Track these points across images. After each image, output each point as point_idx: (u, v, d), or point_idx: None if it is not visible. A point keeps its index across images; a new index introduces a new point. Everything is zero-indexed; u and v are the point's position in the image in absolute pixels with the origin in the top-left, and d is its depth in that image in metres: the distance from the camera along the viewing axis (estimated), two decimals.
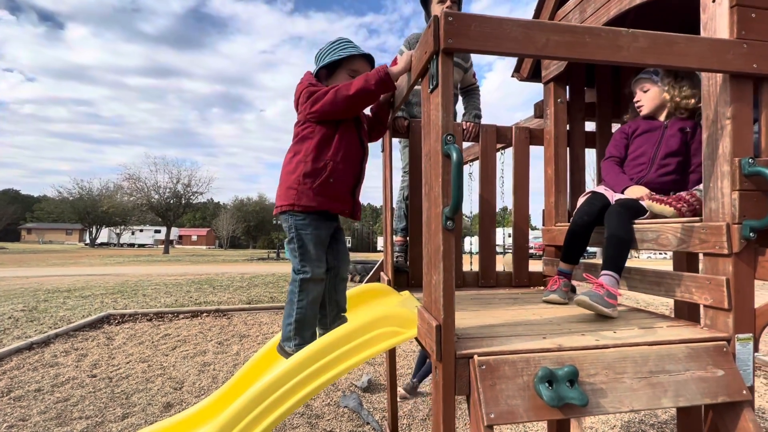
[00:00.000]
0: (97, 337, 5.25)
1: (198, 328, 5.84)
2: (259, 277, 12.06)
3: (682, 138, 1.71)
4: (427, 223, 1.14)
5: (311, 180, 1.47)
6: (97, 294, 8.20)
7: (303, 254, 1.48)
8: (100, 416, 3.16)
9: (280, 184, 1.52)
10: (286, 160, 1.53)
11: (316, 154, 1.48)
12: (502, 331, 1.22)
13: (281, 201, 1.49)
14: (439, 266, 1.02)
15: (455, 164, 0.92)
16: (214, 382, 3.89)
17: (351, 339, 1.20)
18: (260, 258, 24.76)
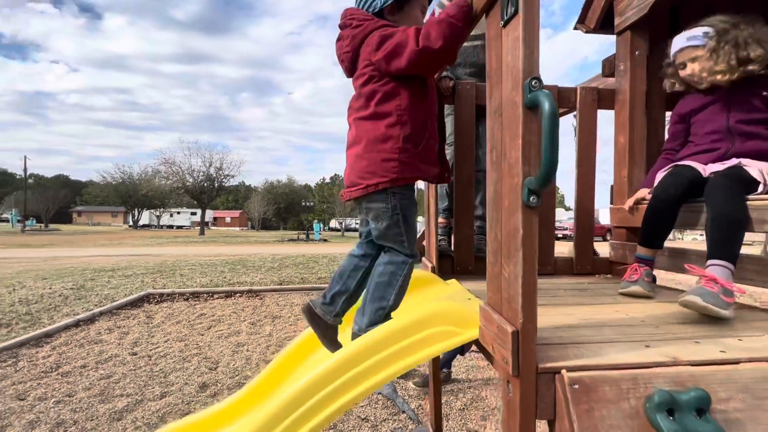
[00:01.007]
0: (138, 315, 5.42)
1: (232, 308, 5.92)
2: (289, 258, 12.22)
3: (758, 99, 1.39)
4: (496, 200, 0.89)
5: (413, 144, 1.19)
6: (138, 273, 8.54)
7: (410, 236, 1.26)
8: (140, 394, 3.20)
9: (366, 158, 1.21)
10: (367, 128, 1.22)
11: (412, 111, 1.20)
12: (586, 335, 0.97)
13: (376, 177, 1.19)
14: (517, 255, 0.78)
15: (548, 116, 0.66)
16: (247, 363, 3.88)
17: (402, 337, 0.99)
18: (290, 239, 25.25)
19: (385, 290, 1.23)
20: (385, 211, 1.23)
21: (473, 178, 1.78)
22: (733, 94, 1.44)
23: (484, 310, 0.95)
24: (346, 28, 1.27)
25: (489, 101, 0.92)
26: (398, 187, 1.21)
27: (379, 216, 1.25)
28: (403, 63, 1.13)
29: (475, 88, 1.75)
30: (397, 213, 1.23)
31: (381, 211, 1.24)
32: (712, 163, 1.44)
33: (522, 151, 0.75)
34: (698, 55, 1.45)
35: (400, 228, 1.24)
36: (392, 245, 1.26)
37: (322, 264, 10.87)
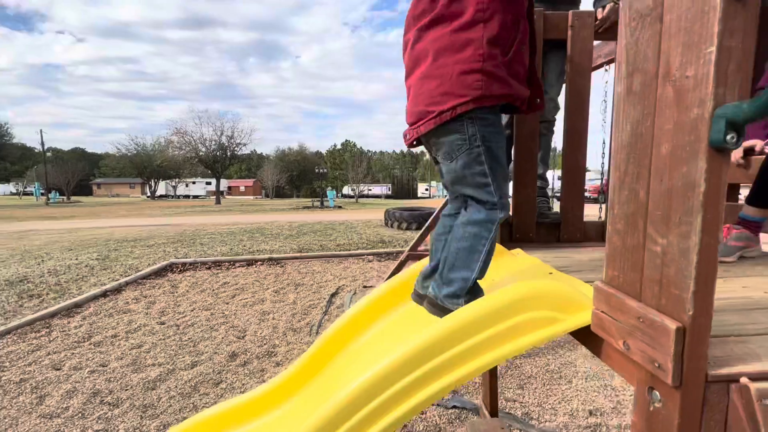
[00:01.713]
0: (163, 285, 5.43)
1: (254, 276, 5.90)
2: (306, 226, 12.19)
3: None
4: (637, 145, 0.64)
5: (501, 50, 0.87)
6: (160, 243, 8.61)
7: (498, 176, 0.95)
8: (171, 363, 3.19)
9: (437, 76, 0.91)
10: (435, 35, 0.91)
11: (497, 4, 0.87)
12: (734, 323, 0.75)
13: (453, 99, 0.88)
14: (690, 222, 0.54)
15: None
16: (274, 331, 3.84)
17: (494, 322, 0.79)
18: (305, 207, 25.28)
19: (468, 258, 0.96)
20: (461, 144, 0.92)
21: (537, 129, 1.51)
22: None
23: (604, 292, 0.73)
24: None
25: (628, 3, 0.65)
26: (483, 110, 0.90)
27: (452, 151, 0.94)
28: None
29: (543, 19, 1.43)
30: (477, 145, 0.91)
31: (455, 144, 0.93)
32: None
33: (716, 66, 0.49)
34: None
35: (483, 165, 0.93)
36: (472, 191, 0.96)
37: (339, 231, 10.80)
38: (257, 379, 2.94)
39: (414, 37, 0.96)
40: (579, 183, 1.56)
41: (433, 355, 0.79)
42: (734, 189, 1.53)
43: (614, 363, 0.75)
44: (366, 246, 8.13)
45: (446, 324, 0.81)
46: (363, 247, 7.93)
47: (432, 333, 0.80)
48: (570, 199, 1.55)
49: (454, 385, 0.80)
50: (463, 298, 0.97)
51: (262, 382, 2.87)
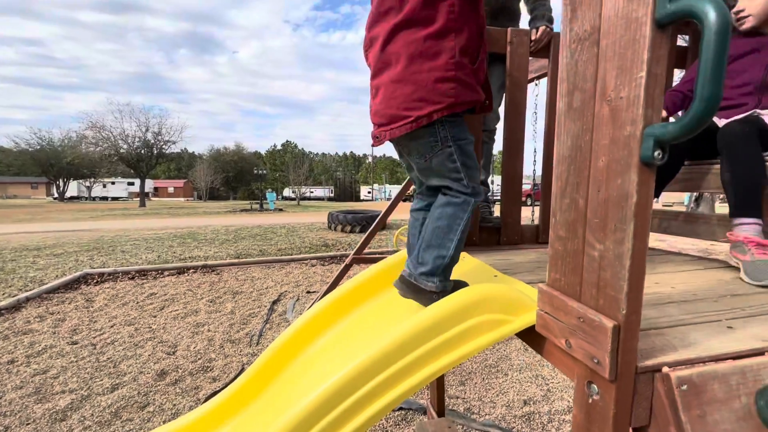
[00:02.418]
0: (75, 299, 4.80)
1: (186, 285, 5.45)
2: (245, 229, 11.59)
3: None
4: (577, 157, 0.69)
5: (470, 59, 0.94)
6: (71, 252, 7.61)
7: (468, 172, 1.02)
8: (86, 388, 2.82)
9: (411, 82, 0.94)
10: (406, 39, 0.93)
11: (467, 15, 0.92)
12: (653, 317, 0.84)
13: (429, 105, 0.93)
14: (624, 229, 0.59)
15: (718, 31, 0.46)
16: (210, 344, 3.58)
17: (447, 327, 0.80)
18: (243, 209, 24.04)
19: (445, 237, 1.00)
20: (435, 145, 0.98)
21: (480, 139, 1.58)
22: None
23: (547, 294, 0.78)
24: None
25: (568, 27, 0.70)
26: (454, 115, 0.96)
27: (427, 152, 1.00)
28: None
29: None
30: (449, 144, 0.98)
31: (429, 145, 0.99)
32: (727, 119, 1.36)
33: (645, 89, 0.55)
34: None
35: (456, 163, 0.99)
36: (448, 183, 1.02)
37: (280, 235, 10.43)
38: (191, 398, 2.71)
39: (384, 37, 0.97)
40: (517, 189, 1.66)
41: (390, 363, 0.79)
42: None
43: (556, 360, 0.80)
44: (309, 250, 7.95)
45: (403, 330, 0.81)
46: (306, 252, 7.73)
47: (389, 340, 0.79)
48: (509, 204, 1.65)
49: (414, 390, 0.80)
50: (437, 277, 1.00)
51: (196, 401, 2.65)
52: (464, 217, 1.00)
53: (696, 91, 0.49)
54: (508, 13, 1.73)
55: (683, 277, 1.16)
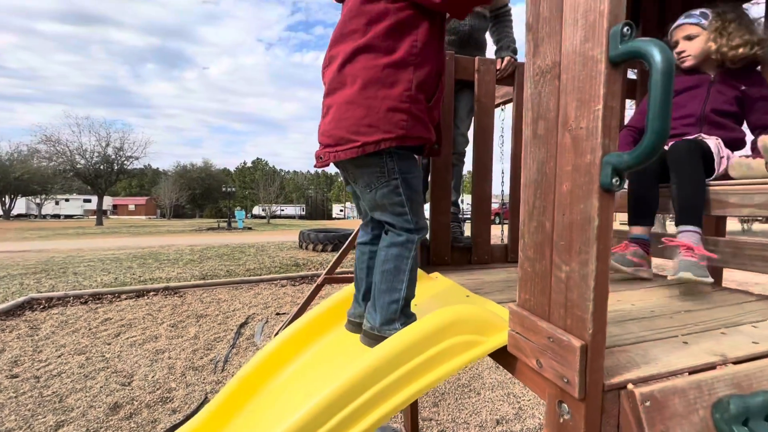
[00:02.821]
0: (17, 326, 4.40)
1: (145, 309, 5.14)
2: (211, 249, 11.16)
3: (734, 92, 1.46)
4: (543, 182, 0.73)
5: (426, 96, 0.95)
6: (15, 274, 7.01)
7: (413, 206, 1.01)
8: (26, 427, 2.55)
9: (364, 106, 0.93)
10: (366, 63, 0.93)
11: (428, 53, 0.94)
12: (615, 334, 0.88)
13: (378, 133, 0.91)
14: (588, 252, 0.62)
15: (663, 72, 0.50)
16: (170, 372, 3.36)
17: (421, 350, 0.80)
18: (210, 228, 23.19)
19: (395, 280, 0.99)
20: (381, 176, 0.97)
21: (450, 161, 1.63)
22: (715, 83, 1.48)
23: (518, 314, 0.80)
24: None
25: (531, 60, 0.75)
26: (402, 148, 0.96)
27: (372, 182, 0.99)
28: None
29: (455, 61, 1.58)
30: (395, 177, 0.97)
31: (375, 176, 0.98)
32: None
33: (603, 121, 0.59)
34: (694, 33, 1.48)
35: (401, 196, 0.99)
36: (390, 219, 1.01)
37: (249, 254, 10.12)
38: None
39: (343, 57, 0.97)
40: (486, 210, 1.71)
41: (363, 390, 0.77)
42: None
43: (527, 380, 0.81)
44: (279, 270, 7.74)
45: (376, 355, 0.79)
46: (276, 272, 7.53)
47: (362, 366, 0.77)
48: (479, 225, 1.70)
49: (389, 416, 0.78)
50: (398, 322, 0.99)
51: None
52: (410, 255, 1.00)
53: (647, 125, 0.53)
54: (474, 43, 1.83)
55: (641, 295, 1.22)
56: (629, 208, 1.45)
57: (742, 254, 1.23)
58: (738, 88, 1.44)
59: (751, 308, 1.09)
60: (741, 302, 1.14)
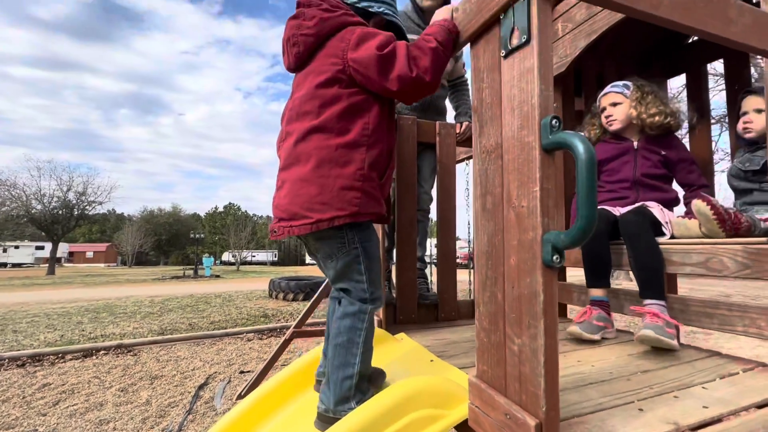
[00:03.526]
0: None
1: (92, 371, 4.67)
2: (173, 300, 10.53)
3: (657, 156, 1.63)
4: (493, 254, 0.75)
5: (378, 174, 0.99)
6: None
7: (371, 276, 1.03)
8: None
9: (317, 184, 0.96)
10: (319, 143, 0.97)
11: (380, 134, 0.99)
12: (574, 401, 0.87)
13: (331, 210, 0.95)
14: (536, 326, 0.63)
15: (587, 162, 0.56)
16: None
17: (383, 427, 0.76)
18: (174, 276, 22.04)
19: (347, 354, 0.97)
20: (341, 247, 1.00)
21: (415, 218, 1.67)
22: (639, 149, 1.65)
23: (477, 387, 0.78)
24: (312, 8, 1.03)
25: (478, 140, 0.80)
26: (359, 223, 1.00)
27: (333, 253, 1.01)
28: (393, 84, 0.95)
29: (417, 125, 1.68)
30: (355, 247, 1.00)
31: (335, 247, 1.00)
32: (621, 208, 1.60)
33: (540, 201, 0.63)
34: (619, 100, 1.65)
35: (361, 265, 1.01)
36: (348, 286, 1.02)
37: (215, 305, 9.59)
38: None
39: (297, 136, 1.01)
40: (452, 266, 1.74)
41: None
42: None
43: None
44: (246, 322, 7.35)
45: None
46: (242, 324, 7.14)
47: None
48: (445, 281, 1.71)
49: None
50: (354, 400, 0.94)
51: None
52: (363, 327, 1.00)
53: (577, 209, 0.57)
54: (435, 109, 1.96)
55: (601, 353, 1.24)
56: (585, 270, 1.52)
57: (689, 311, 1.29)
58: (659, 153, 1.61)
59: (701, 366, 1.12)
60: (692, 360, 1.18)
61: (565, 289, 1.80)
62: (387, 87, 0.96)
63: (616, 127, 1.68)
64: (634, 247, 1.38)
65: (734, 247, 1.16)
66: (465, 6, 0.88)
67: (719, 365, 1.13)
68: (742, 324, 1.14)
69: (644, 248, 1.36)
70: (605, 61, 2.21)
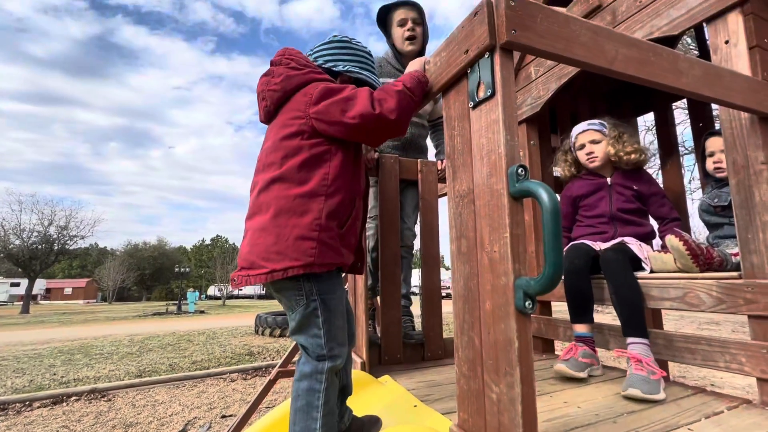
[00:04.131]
0: None
1: (62, 419, 4.37)
2: (154, 339, 10.09)
3: (630, 191, 1.69)
4: (469, 298, 0.75)
5: (338, 223, 0.98)
6: None
7: (330, 330, 0.98)
8: None
9: (274, 233, 0.95)
10: (279, 192, 0.97)
11: (340, 183, 0.99)
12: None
13: (286, 260, 0.93)
14: (512, 374, 0.63)
15: (551, 211, 0.57)
16: None
17: None
18: (156, 312, 21.24)
19: (307, 419, 0.92)
20: (299, 299, 0.96)
21: (399, 255, 1.67)
22: (613, 185, 1.71)
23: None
24: (281, 66, 1.07)
25: (451, 183, 0.82)
26: (316, 274, 0.97)
27: (292, 305, 0.98)
28: (355, 121, 0.96)
29: (399, 162, 1.72)
30: (313, 299, 0.96)
31: (294, 299, 0.97)
32: (602, 243, 1.63)
33: (511, 247, 0.64)
34: (598, 138, 1.72)
35: (319, 318, 0.96)
36: (305, 342, 0.98)
37: (198, 343, 9.21)
38: None
39: (261, 185, 1.03)
40: (437, 302, 1.72)
41: None
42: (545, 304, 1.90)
43: None
44: (230, 361, 7.04)
45: None
46: (226, 363, 6.84)
47: None
48: (430, 318, 1.69)
49: None
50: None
51: None
52: (321, 388, 0.95)
53: (545, 256, 0.58)
54: (416, 147, 2.02)
55: (587, 393, 1.22)
56: (569, 306, 1.52)
57: (673, 346, 1.29)
58: (632, 188, 1.67)
59: (687, 405, 1.11)
60: (678, 398, 1.17)
61: (551, 324, 1.79)
62: (347, 123, 0.97)
63: (597, 164, 1.73)
64: (614, 285, 1.40)
65: (708, 282, 1.19)
66: (436, 59, 0.93)
67: (704, 403, 1.12)
68: (723, 360, 1.14)
69: (624, 285, 1.37)
70: (578, 100, 2.32)
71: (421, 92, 0.99)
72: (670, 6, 1.34)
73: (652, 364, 1.21)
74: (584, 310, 1.48)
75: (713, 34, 1.21)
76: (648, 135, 6.20)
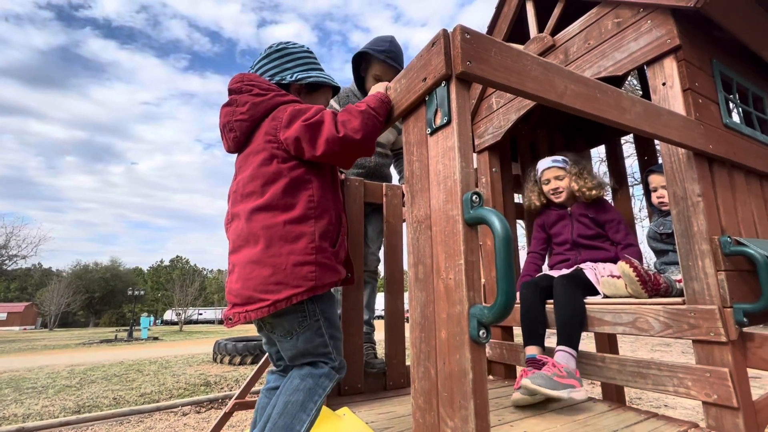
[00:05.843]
0: None
1: None
2: (98, 369, 9.25)
3: (588, 219, 1.80)
4: (426, 325, 0.73)
5: (330, 242, 0.99)
6: None
7: (336, 342, 1.03)
8: None
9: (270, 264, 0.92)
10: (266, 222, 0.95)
11: (326, 203, 1.00)
12: None
13: (288, 289, 0.91)
14: (467, 407, 0.60)
15: (503, 239, 0.57)
16: None
17: None
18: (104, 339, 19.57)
19: (296, 417, 0.88)
20: (303, 320, 0.96)
21: (362, 280, 1.63)
22: (574, 214, 1.80)
23: None
24: (243, 94, 1.05)
25: (410, 209, 0.82)
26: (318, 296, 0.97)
27: (293, 329, 0.96)
28: (321, 148, 0.96)
29: (364, 186, 1.71)
30: (316, 318, 0.97)
31: (297, 322, 0.96)
32: (566, 269, 1.71)
33: (465, 274, 0.63)
34: (562, 174, 1.83)
35: (324, 336, 0.98)
36: (314, 360, 0.99)
37: (148, 373, 8.51)
38: None
39: (245, 217, 0.99)
40: (400, 328, 1.68)
41: None
42: (507, 330, 1.90)
43: None
44: (183, 393, 6.53)
45: None
46: (178, 395, 6.33)
47: None
48: (393, 345, 1.64)
49: None
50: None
51: None
52: (323, 393, 0.95)
53: (497, 285, 0.58)
54: (380, 175, 2.04)
55: (548, 422, 1.20)
56: (522, 329, 1.55)
57: (625, 371, 1.32)
58: (589, 215, 1.77)
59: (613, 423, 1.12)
60: (630, 424, 1.18)
61: (513, 349, 1.80)
62: (316, 153, 0.97)
63: (562, 199, 1.85)
64: (558, 307, 1.48)
65: (656, 307, 1.24)
66: (396, 85, 0.94)
67: (656, 429, 1.14)
68: (672, 384, 1.18)
69: (567, 308, 1.45)
70: (537, 131, 2.45)
71: (384, 112, 1.00)
72: (615, 49, 1.45)
73: (564, 370, 1.25)
74: (536, 333, 1.52)
75: (652, 76, 1.32)
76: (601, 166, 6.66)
